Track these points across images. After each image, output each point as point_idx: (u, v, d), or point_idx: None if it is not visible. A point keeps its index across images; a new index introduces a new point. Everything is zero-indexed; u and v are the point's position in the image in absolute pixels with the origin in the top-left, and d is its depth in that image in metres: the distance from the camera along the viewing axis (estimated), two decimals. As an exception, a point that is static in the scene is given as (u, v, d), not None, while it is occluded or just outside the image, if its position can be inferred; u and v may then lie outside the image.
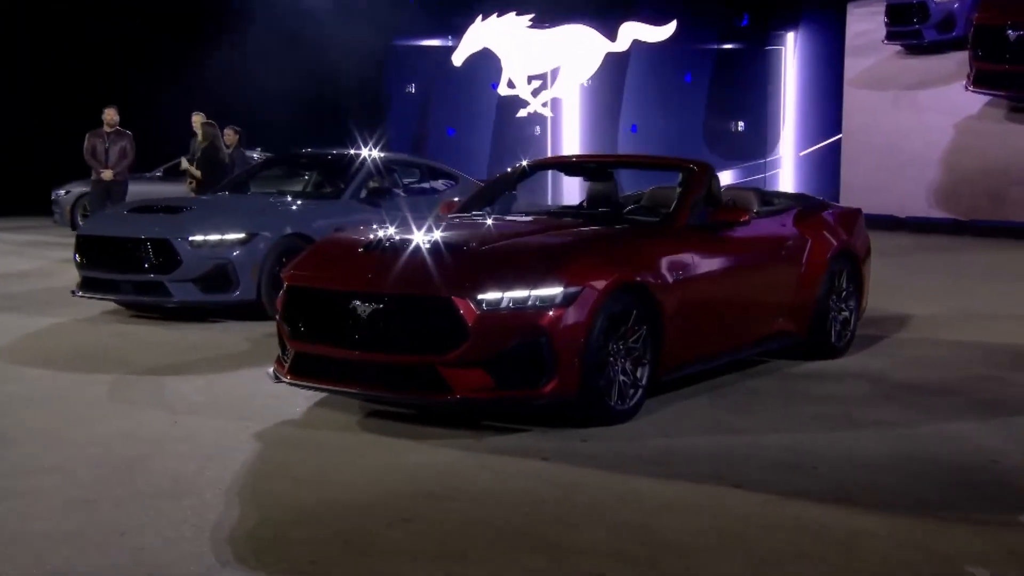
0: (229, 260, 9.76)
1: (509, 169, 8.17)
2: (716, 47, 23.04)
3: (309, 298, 6.34)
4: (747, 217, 7.08)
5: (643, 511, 4.79)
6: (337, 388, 6.25)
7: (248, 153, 15.97)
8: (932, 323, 9.57)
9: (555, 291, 5.89)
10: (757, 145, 22.79)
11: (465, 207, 7.80)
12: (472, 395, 5.86)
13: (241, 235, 9.83)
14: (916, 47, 20.96)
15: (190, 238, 9.75)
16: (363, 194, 10.89)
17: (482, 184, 8.08)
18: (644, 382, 6.33)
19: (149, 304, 10.05)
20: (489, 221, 7.08)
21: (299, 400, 6.78)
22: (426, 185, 11.80)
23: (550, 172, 17.48)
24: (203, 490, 5.12)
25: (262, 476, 5.39)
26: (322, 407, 6.64)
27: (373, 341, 6.02)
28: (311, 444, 5.92)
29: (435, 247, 6.37)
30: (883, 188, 20.42)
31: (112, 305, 10.42)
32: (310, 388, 6.46)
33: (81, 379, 7.48)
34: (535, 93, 24.50)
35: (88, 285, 10.13)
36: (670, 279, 6.51)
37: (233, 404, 6.78)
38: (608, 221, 7.28)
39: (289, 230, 10.05)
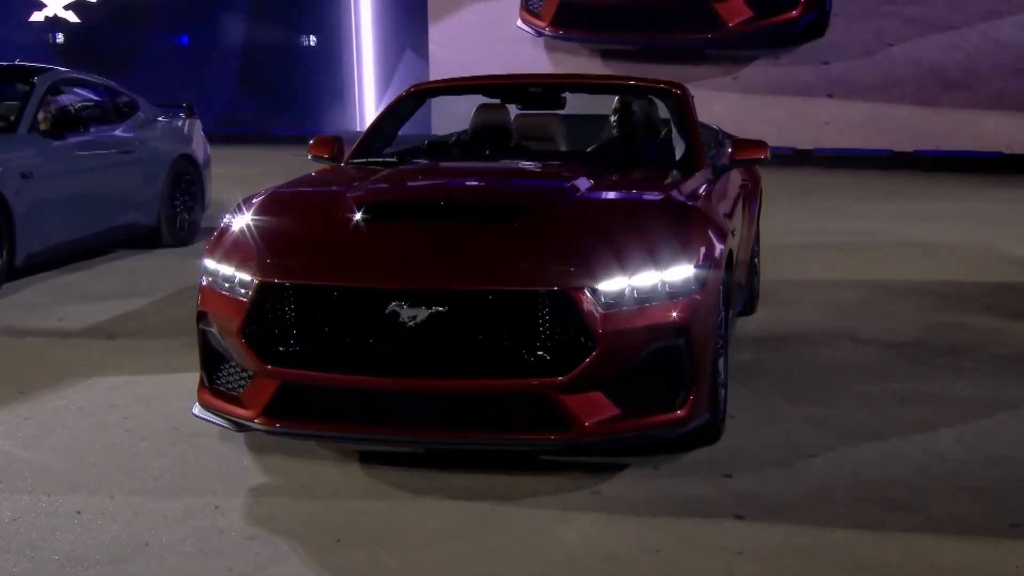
0: None
1: (402, 93, 6.04)
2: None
3: (303, 301, 4.08)
4: (767, 154, 5.64)
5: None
6: (360, 435, 4.08)
7: None
8: (779, 258, 8.54)
9: (686, 272, 4.15)
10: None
11: (362, 150, 5.63)
12: (601, 429, 4.02)
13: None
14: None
15: None
16: (43, 125, 8.03)
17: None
18: (725, 379, 4.77)
19: None
20: (485, 166, 5.10)
21: (217, 448, 4.51)
22: (108, 109, 8.92)
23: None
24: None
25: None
26: (269, 455, 4.41)
27: (429, 362, 3.96)
28: (372, 528, 3.78)
29: (495, 211, 4.38)
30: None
31: None
32: (305, 437, 4.24)
33: None
34: (54, -8, 20.97)
35: None
36: (734, 241, 4.99)
37: (124, 465, 4.35)
38: (578, 162, 5.50)
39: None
